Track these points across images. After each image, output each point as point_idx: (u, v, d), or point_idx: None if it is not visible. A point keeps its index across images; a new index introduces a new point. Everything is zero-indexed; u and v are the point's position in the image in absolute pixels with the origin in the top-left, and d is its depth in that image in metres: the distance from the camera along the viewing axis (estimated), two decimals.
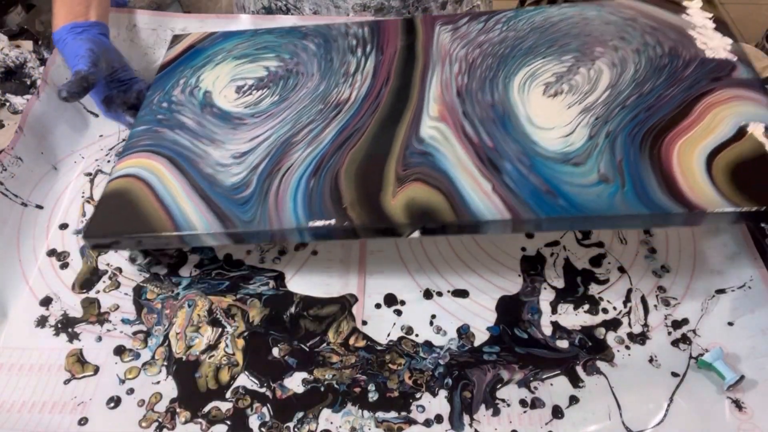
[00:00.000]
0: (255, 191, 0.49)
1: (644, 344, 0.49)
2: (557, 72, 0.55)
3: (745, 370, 0.47)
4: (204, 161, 0.52)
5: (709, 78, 0.52)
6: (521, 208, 0.44)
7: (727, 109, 0.49)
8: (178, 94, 0.59)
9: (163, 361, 0.49)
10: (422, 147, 0.50)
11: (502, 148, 0.49)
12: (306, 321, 0.52)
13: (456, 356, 0.49)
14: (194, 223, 0.47)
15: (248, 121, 0.55)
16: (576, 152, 0.48)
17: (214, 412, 0.46)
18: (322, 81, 0.58)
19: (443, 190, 0.46)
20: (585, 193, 0.45)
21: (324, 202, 0.47)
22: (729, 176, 0.44)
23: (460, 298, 0.53)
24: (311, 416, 0.46)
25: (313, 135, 0.53)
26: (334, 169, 0.49)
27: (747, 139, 0.46)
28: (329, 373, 0.48)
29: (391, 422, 0.45)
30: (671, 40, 0.56)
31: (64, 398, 0.47)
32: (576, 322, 0.51)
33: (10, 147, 0.58)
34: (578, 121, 0.50)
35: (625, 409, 0.46)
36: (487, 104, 0.53)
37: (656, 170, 0.45)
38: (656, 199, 0.44)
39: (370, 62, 0.59)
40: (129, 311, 0.52)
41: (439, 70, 0.57)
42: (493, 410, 0.46)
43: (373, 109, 0.54)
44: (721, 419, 0.45)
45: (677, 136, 0.47)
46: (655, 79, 0.53)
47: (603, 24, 0.59)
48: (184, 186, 0.50)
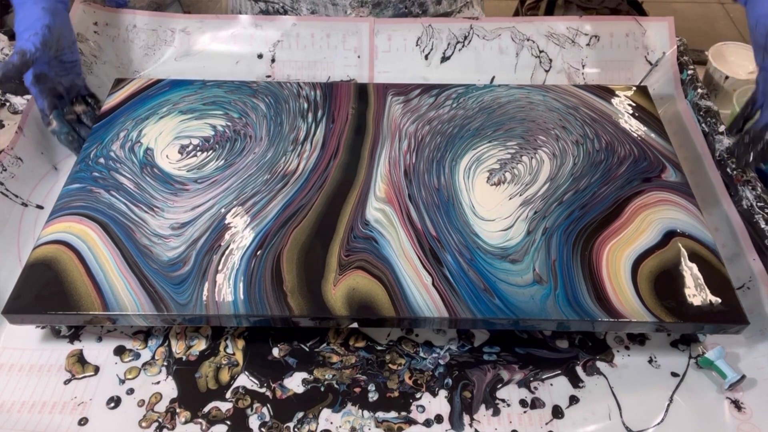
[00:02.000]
0: (193, 270, 0.47)
1: (644, 344, 0.50)
2: (501, 158, 0.57)
3: (745, 370, 0.48)
4: (140, 231, 0.50)
5: (641, 178, 0.55)
6: (458, 307, 0.45)
7: (655, 213, 0.52)
8: (117, 149, 0.57)
9: (163, 361, 0.49)
10: (367, 230, 0.50)
11: (445, 238, 0.50)
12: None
13: (456, 356, 0.50)
14: (125, 303, 0.45)
15: (190, 186, 0.54)
16: (514, 248, 0.49)
17: (214, 412, 0.46)
18: (270, 147, 0.57)
19: (384, 281, 0.47)
20: (520, 294, 0.46)
21: (264, 286, 0.46)
22: (651, 285, 0.47)
23: None
24: (311, 416, 0.46)
25: (257, 208, 0.52)
26: (276, 249, 0.49)
27: (669, 249, 0.49)
28: (329, 373, 0.48)
29: (391, 422, 0.46)
30: (609, 134, 0.59)
31: (64, 398, 0.47)
32: None
33: (10, 147, 0.57)
34: (518, 215, 0.52)
35: (625, 409, 0.46)
36: (433, 188, 0.54)
37: (586, 275, 0.47)
38: (585, 305, 0.46)
39: (320, 130, 0.59)
40: None
41: (389, 146, 0.58)
42: (493, 410, 0.46)
43: (320, 184, 0.54)
44: (720, 419, 0.46)
45: (608, 238, 0.50)
46: (591, 175, 0.55)
47: (547, 110, 0.62)
48: (117, 259, 0.48)
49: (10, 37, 0.75)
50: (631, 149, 0.58)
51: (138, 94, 0.62)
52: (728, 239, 0.54)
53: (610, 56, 0.70)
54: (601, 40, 0.70)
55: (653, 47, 0.70)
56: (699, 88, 0.65)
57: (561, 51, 0.70)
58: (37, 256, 0.48)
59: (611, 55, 0.70)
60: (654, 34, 0.70)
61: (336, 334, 0.51)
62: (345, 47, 0.70)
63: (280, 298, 0.46)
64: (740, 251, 0.53)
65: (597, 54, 0.70)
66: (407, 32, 0.70)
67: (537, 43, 0.70)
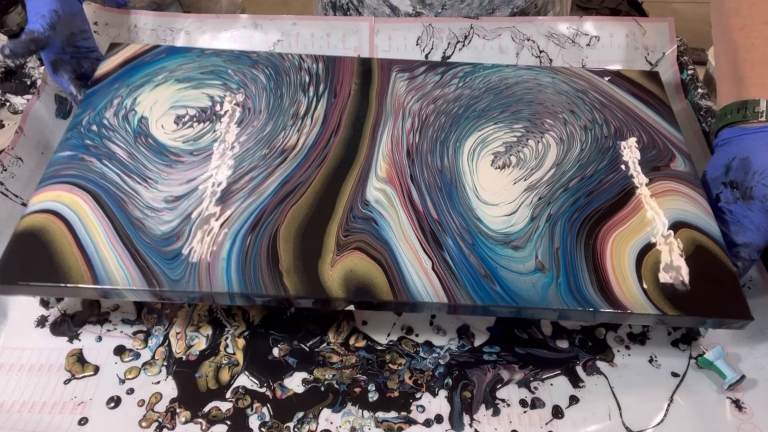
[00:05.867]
0: (186, 245, 0.46)
1: (644, 344, 0.50)
2: (507, 141, 0.55)
3: (745, 370, 0.48)
4: (133, 202, 0.48)
5: (649, 167, 0.53)
6: (458, 293, 0.44)
7: (663, 203, 0.50)
8: (110, 117, 0.55)
9: (163, 361, 0.49)
10: (366, 211, 0.49)
11: (446, 222, 0.49)
12: (306, 321, 0.51)
13: (456, 356, 0.49)
14: (115, 277, 0.44)
15: (186, 159, 0.52)
16: (517, 234, 0.48)
17: (214, 412, 0.46)
18: (270, 121, 0.55)
19: (383, 263, 0.46)
20: (521, 282, 0.45)
21: (259, 264, 0.45)
22: (656, 277, 0.46)
23: None
24: (311, 416, 0.46)
25: (254, 184, 0.50)
26: (273, 226, 0.47)
27: (674, 241, 0.48)
28: (329, 373, 0.48)
29: (391, 422, 0.46)
30: (618, 120, 0.57)
31: (64, 398, 0.46)
32: (576, 323, 0.52)
33: (10, 147, 0.56)
34: (522, 200, 0.51)
35: (625, 409, 0.46)
36: (436, 169, 0.52)
37: (589, 264, 0.46)
38: (587, 295, 0.45)
39: (322, 105, 0.57)
40: (129, 311, 0.52)
41: (391, 125, 0.56)
42: (493, 410, 0.46)
43: (320, 161, 0.52)
44: (721, 419, 0.46)
45: (612, 227, 0.49)
46: (598, 162, 0.54)
47: (556, 93, 0.60)
48: (109, 231, 0.46)
49: (10, 37, 0.75)
50: (640, 136, 0.56)
51: (133, 59, 0.60)
52: None
53: (610, 56, 0.69)
54: (601, 40, 0.69)
55: (653, 47, 0.69)
56: (699, 88, 0.64)
57: (561, 51, 0.69)
58: (26, 226, 0.47)
59: (611, 55, 0.69)
60: (654, 34, 0.69)
61: (336, 333, 0.51)
62: (345, 47, 0.68)
63: (276, 277, 0.45)
64: None
65: (597, 54, 0.69)
66: (407, 32, 0.68)
67: (537, 43, 0.68)
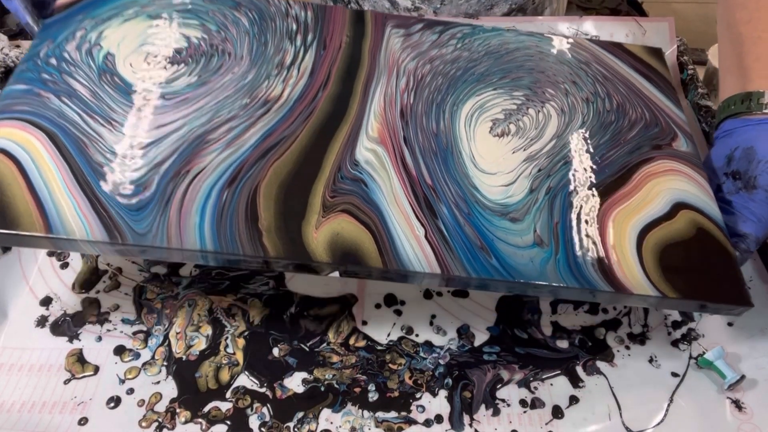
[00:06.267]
0: (155, 196, 0.41)
1: (644, 344, 0.50)
2: (507, 109, 0.52)
3: (745, 370, 0.47)
4: (95, 146, 0.43)
5: (651, 145, 0.51)
6: (453, 264, 0.41)
7: (664, 182, 0.48)
8: (72, 50, 0.49)
9: (163, 361, 0.48)
10: (356, 171, 0.45)
11: (441, 188, 0.45)
12: (306, 321, 0.50)
13: (456, 356, 0.49)
14: (72, 227, 0.39)
15: (157, 102, 0.47)
16: (515, 206, 0.45)
17: (214, 412, 0.45)
18: (252, 68, 0.51)
19: (372, 228, 0.42)
20: (518, 256, 0.42)
21: (236, 221, 0.41)
22: (656, 258, 0.44)
23: (460, 298, 0.53)
24: (311, 416, 0.45)
25: (233, 135, 0.46)
26: (253, 181, 0.43)
27: (676, 221, 0.46)
28: (329, 373, 0.47)
29: (391, 422, 0.45)
30: (621, 95, 0.55)
31: (64, 398, 0.46)
32: (576, 322, 0.51)
33: None
34: (521, 170, 0.48)
35: (625, 409, 0.46)
36: (431, 133, 0.49)
37: (590, 240, 0.44)
38: (586, 274, 0.42)
39: (310, 56, 0.52)
40: (129, 311, 0.51)
41: (384, 82, 0.52)
42: (493, 410, 0.46)
43: (306, 115, 0.48)
44: (721, 419, 0.45)
45: (614, 204, 0.46)
46: (600, 137, 0.51)
47: (558, 62, 0.57)
48: (66, 175, 0.41)
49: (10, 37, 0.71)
50: (642, 113, 0.54)
51: None
52: None
53: None
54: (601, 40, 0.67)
55: None
56: (699, 88, 0.64)
57: None
58: None
59: None
60: (654, 34, 0.68)
61: (336, 333, 0.49)
62: None
63: (254, 236, 0.41)
64: None
65: None
66: None
67: None
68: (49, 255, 0.55)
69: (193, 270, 0.54)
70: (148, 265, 0.54)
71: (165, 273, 0.54)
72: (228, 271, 0.54)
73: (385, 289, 0.53)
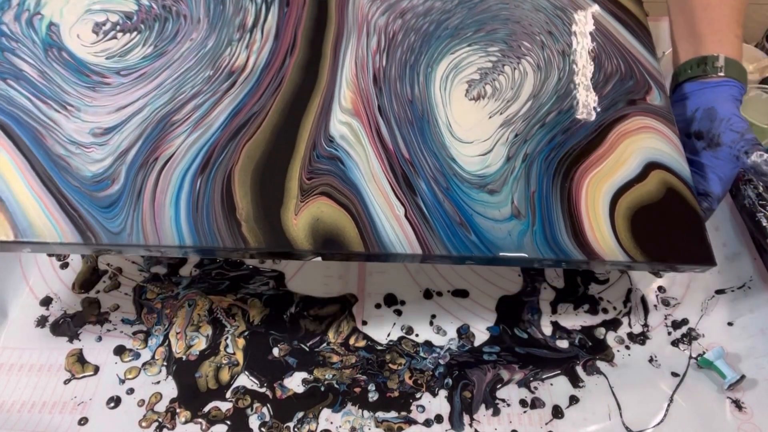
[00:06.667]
0: (125, 190, 0.40)
1: (644, 344, 0.51)
2: (482, 67, 0.50)
3: (745, 370, 0.49)
4: (53, 136, 0.41)
5: (626, 100, 0.51)
6: (433, 243, 0.42)
7: (637, 141, 0.49)
8: (10, 22, 0.44)
9: (163, 361, 0.48)
10: (331, 149, 0.44)
11: (419, 162, 0.45)
12: (306, 321, 0.51)
13: (456, 356, 0.49)
14: (41, 229, 0.38)
15: (112, 80, 0.44)
16: (493, 176, 0.45)
17: (214, 412, 0.45)
18: (212, 33, 0.47)
19: (352, 210, 0.42)
20: (496, 230, 0.43)
21: (213, 213, 0.40)
22: (627, 222, 0.45)
23: (460, 298, 0.53)
24: (311, 416, 0.46)
25: (199, 114, 0.43)
26: (226, 167, 0.42)
27: (647, 183, 0.47)
28: (329, 373, 0.48)
29: (391, 422, 0.46)
30: (596, 44, 0.53)
31: (64, 398, 0.46)
32: (576, 322, 0.52)
33: None
34: (498, 137, 0.47)
35: (625, 409, 0.47)
36: (407, 100, 0.47)
37: (564, 209, 0.45)
38: (561, 244, 0.43)
39: (273, 15, 0.49)
40: (129, 311, 0.52)
41: (355, 42, 0.49)
42: (493, 410, 0.47)
43: (275, 86, 0.46)
44: (721, 419, 0.47)
45: (588, 168, 0.47)
46: (576, 94, 0.50)
47: (533, 10, 0.54)
48: (27, 172, 0.39)
49: None
50: (617, 65, 0.53)
51: None
52: (729, 238, 0.53)
53: None
54: None
55: None
56: None
57: None
58: None
59: None
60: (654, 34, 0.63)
61: (336, 333, 0.49)
62: None
63: (233, 227, 0.40)
64: (741, 250, 0.52)
65: None
66: None
67: None
68: (49, 255, 0.54)
69: (193, 270, 0.54)
70: (148, 265, 0.54)
71: (165, 273, 0.54)
72: (228, 271, 0.54)
73: (385, 289, 0.53)
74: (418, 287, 0.54)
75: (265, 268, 0.55)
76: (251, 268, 0.55)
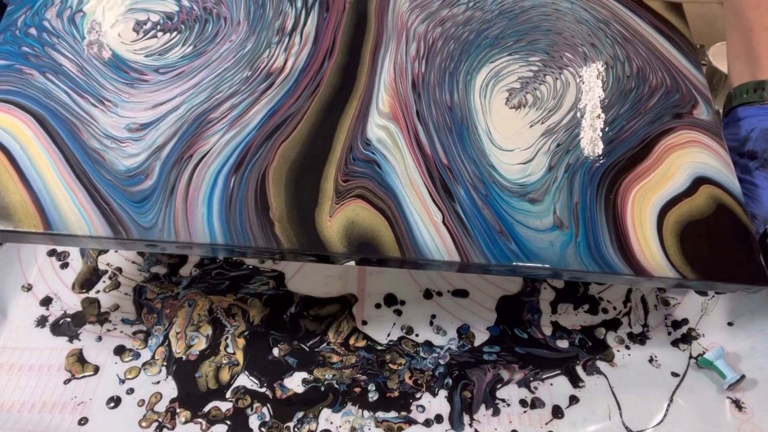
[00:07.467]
0: (158, 185, 0.39)
1: (644, 344, 0.50)
2: (523, 77, 0.49)
3: (745, 370, 0.48)
4: (89, 129, 0.40)
5: (672, 113, 0.49)
6: (471, 250, 0.40)
7: (685, 155, 0.47)
8: (52, 18, 0.45)
9: (163, 361, 0.48)
10: (368, 152, 0.43)
11: (457, 168, 0.43)
12: (306, 321, 0.50)
13: (456, 356, 0.49)
14: (72, 222, 0.37)
15: (151, 77, 0.43)
16: (534, 185, 0.44)
17: (214, 412, 0.45)
18: (251, 35, 0.47)
19: (388, 214, 0.40)
20: (538, 240, 0.41)
21: (246, 211, 0.39)
22: (676, 237, 0.43)
23: (460, 298, 0.53)
24: (311, 416, 0.45)
25: (236, 113, 0.43)
26: (261, 166, 0.41)
27: (696, 198, 0.45)
28: (329, 373, 0.47)
29: (391, 422, 0.45)
30: (641, 57, 0.52)
31: (64, 398, 0.46)
32: (576, 322, 0.51)
33: None
34: (539, 146, 0.46)
35: (625, 409, 0.46)
36: (445, 106, 0.46)
37: (609, 222, 0.43)
38: (607, 257, 0.41)
39: (312, 20, 0.49)
40: (129, 311, 0.51)
41: (394, 48, 0.48)
42: (493, 410, 0.46)
43: (312, 88, 0.45)
44: (721, 419, 0.46)
45: (634, 180, 0.45)
46: (620, 106, 0.49)
47: (575, 22, 0.53)
48: (61, 165, 0.39)
49: None
50: (663, 78, 0.51)
51: None
52: None
53: None
54: None
55: None
56: None
57: None
58: None
59: None
60: None
61: (336, 333, 0.49)
62: None
63: (266, 226, 0.39)
64: None
65: None
66: None
67: None
68: (49, 255, 0.54)
69: (193, 270, 0.53)
70: (148, 265, 0.53)
71: (165, 273, 0.53)
72: (228, 271, 0.53)
73: (385, 289, 0.52)
74: (418, 287, 0.53)
75: (265, 268, 0.54)
76: (251, 268, 0.54)
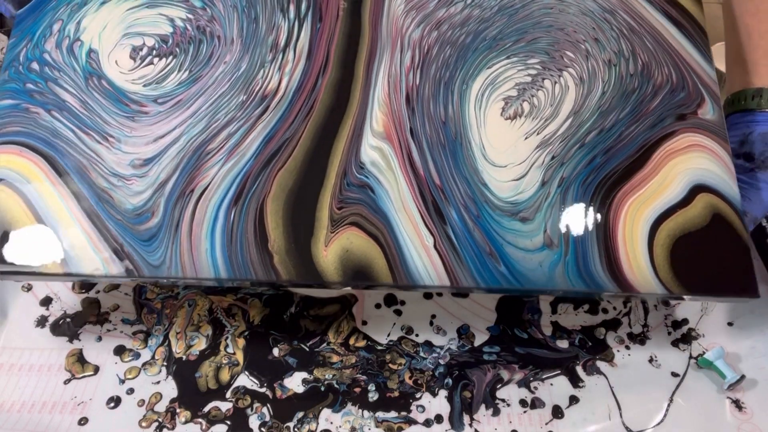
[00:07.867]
0: (164, 222, 0.41)
1: (644, 344, 0.51)
2: (521, 83, 0.48)
3: (745, 370, 0.49)
4: (96, 168, 0.43)
5: (675, 114, 0.48)
6: (461, 274, 0.42)
7: (684, 161, 0.46)
8: (52, 49, 0.46)
9: (163, 361, 0.49)
10: (361, 176, 0.44)
11: (450, 189, 0.44)
12: (306, 321, 0.51)
13: (456, 356, 0.50)
14: (87, 263, 0.40)
15: (150, 108, 0.45)
16: (525, 204, 0.44)
17: (214, 412, 0.46)
18: (245, 54, 0.47)
19: (381, 241, 0.42)
20: (527, 260, 0.43)
21: (246, 245, 0.41)
22: (667, 252, 0.43)
23: (460, 298, 0.54)
24: (311, 416, 0.46)
25: (233, 142, 0.44)
26: (259, 197, 0.43)
27: (692, 207, 0.45)
28: (329, 373, 0.49)
29: (391, 422, 0.46)
30: (647, 51, 0.50)
31: (64, 398, 0.47)
32: (576, 322, 0.52)
33: None
34: (533, 160, 0.46)
35: (625, 409, 0.47)
36: (440, 121, 0.46)
37: (600, 237, 0.43)
38: (594, 274, 0.43)
39: (305, 32, 0.48)
40: (129, 311, 0.52)
41: (388, 60, 0.48)
42: (493, 410, 0.47)
43: (307, 110, 0.46)
44: (721, 419, 0.47)
45: (629, 192, 0.45)
46: (620, 109, 0.48)
47: (580, 14, 0.51)
48: (73, 206, 0.41)
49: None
50: (669, 74, 0.49)
51: None
52: None
53: None
54: None
55: None
56: None
57: None
58: None
59: None
60: None
61: (336, 333, 0.49)
62: None
63: (266, 259, 0.41)
64: None
65: None
66: None
67: None
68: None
69: None
70: None
71: None
72: None
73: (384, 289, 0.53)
74: None
75: None
76: None
